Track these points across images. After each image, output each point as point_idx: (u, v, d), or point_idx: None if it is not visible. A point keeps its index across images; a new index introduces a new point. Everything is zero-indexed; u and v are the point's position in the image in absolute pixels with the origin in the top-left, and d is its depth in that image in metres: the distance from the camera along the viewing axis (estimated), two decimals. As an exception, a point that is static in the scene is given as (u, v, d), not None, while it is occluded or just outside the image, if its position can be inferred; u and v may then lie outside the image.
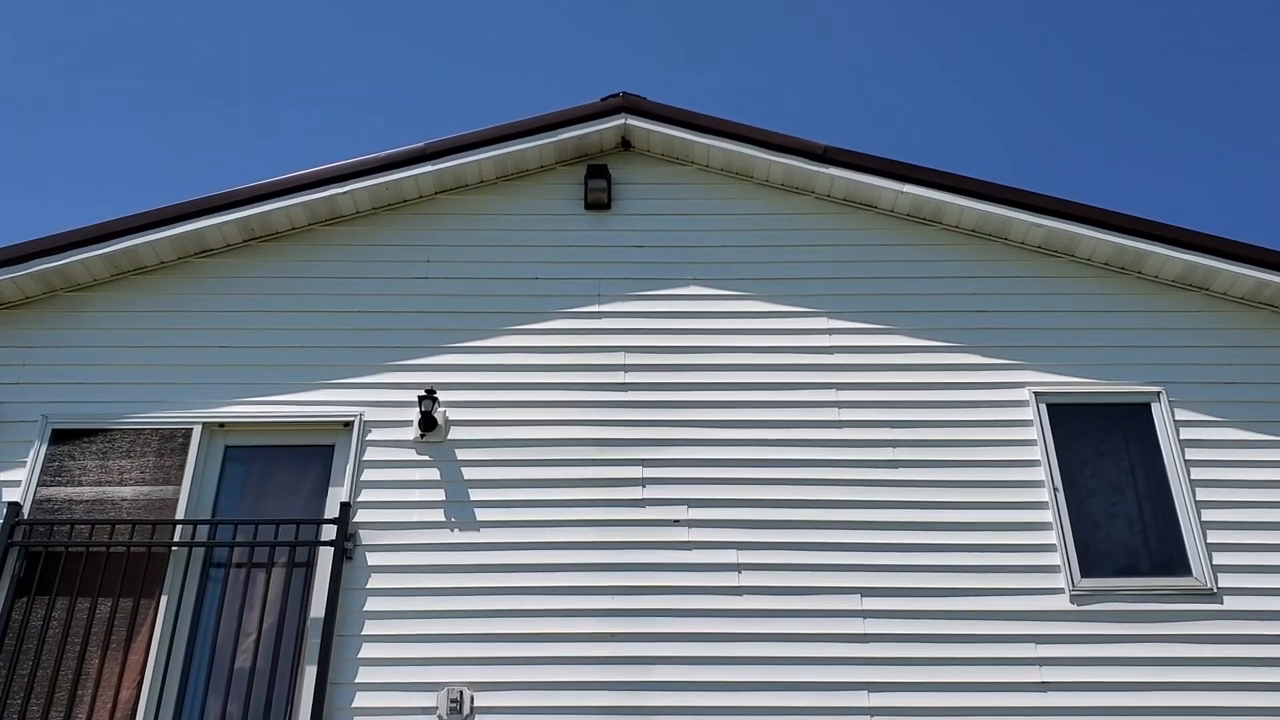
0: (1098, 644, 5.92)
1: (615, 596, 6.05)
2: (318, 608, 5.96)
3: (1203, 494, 6.36)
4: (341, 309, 7.00)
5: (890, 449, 6.52)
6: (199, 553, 6.19)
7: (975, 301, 7.05)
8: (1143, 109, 18.96)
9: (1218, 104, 18.69)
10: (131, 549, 6.08)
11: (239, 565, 6.18)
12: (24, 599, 6.00)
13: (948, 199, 7.22)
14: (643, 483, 6.41)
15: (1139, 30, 18.57)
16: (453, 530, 6.27)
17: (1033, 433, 6.57)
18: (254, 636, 5.95)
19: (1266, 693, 5.80)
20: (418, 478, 6.43)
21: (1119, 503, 6.42)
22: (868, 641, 5.94)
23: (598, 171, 7.47)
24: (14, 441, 6.49)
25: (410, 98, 19.49)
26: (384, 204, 7.40)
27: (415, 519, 6.29)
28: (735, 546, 6.21)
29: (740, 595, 6.09)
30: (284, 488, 6.51)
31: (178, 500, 6.29)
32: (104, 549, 6.08)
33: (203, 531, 6.25)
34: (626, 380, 6.77)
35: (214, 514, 6.38)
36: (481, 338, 6.92)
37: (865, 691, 5.80)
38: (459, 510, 6.33)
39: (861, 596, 6.06)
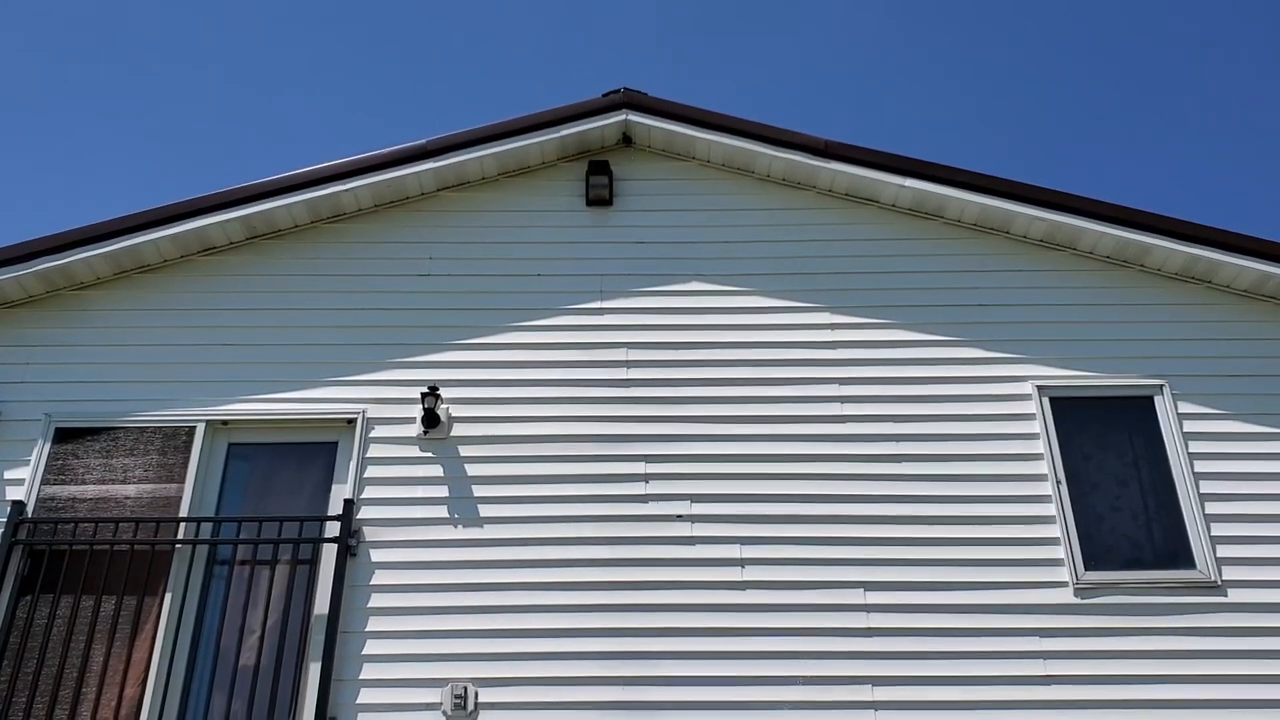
0: (1102, 637, 5.92)
1: (619, 592, 6.05)
2: (321, 605, 5.97)
3: (1206, 487, 6.35)
4: (344, 306, 7.01)
5: (893, 443, 6.52)
6: (203, 550, 6.20)
7: (978, 296, 7.05)
8: (1145, 102, 18.95)
9: (1221, 97, 18.68)
10: (135, 547, 6.09)
11: (243, 563, 6.18)
12: (28, 597, 6.01)
13: (950, 193, 7.21)
14: (646, 478, 6.41)
15: (1141, 22, 18.56)
16: (456, 527, 6.28)
17: (1036, 426, 6.57)
18: (258, 634, 5.96)
19: (1270, 685, 5.80)
20: (421, 474, 6.44)
21: (1122, 496, 6.42)
22: (871, 635, 5.94)
23: (599, 168, 7.47)
24: (18, 440, 6.50)
25: (410, 97, 19.51)
26: (386, 201, 7.41)
27: (419, 516, 6.30)
28: (739, 541, 6.21)
29: (744, 590, 6.09)
30: (287, 485, 6.51)
31: (181, 498, 6.30)
32: (108, 547, 6.09)
33: (206, 529, 6.26)
34: (629, 376, 6.77)
35: (218, 511, 6.39)
36: (484, 335, 6.92)
37: (869, 685, 5.80)
38: (462, 507, 6.33)
39: (865, 590, 6.06)
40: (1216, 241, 6.95)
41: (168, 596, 6.02)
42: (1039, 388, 6.68)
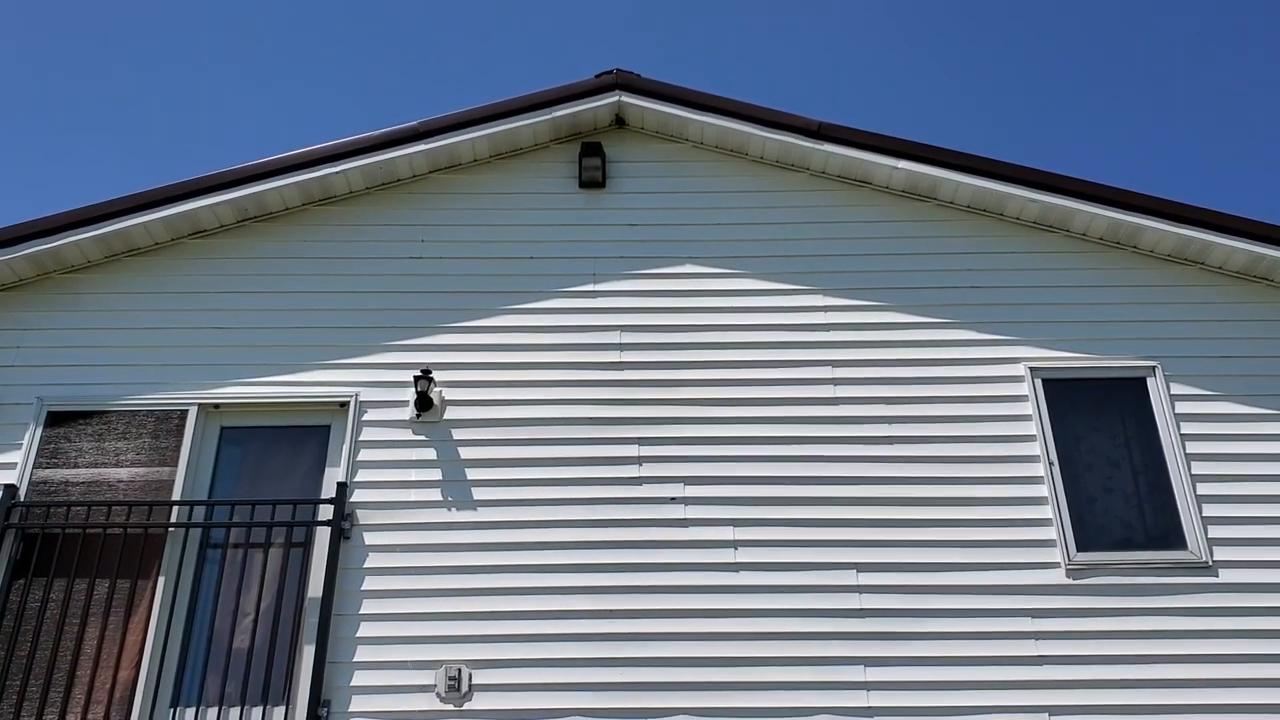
0: (1093, 617, 5.95)
1: (612, 574, 6.06)
2: (315, 587, 5.97)
3: (1198, 468, 6.37)
4: (336, 289, 6.99)
5: (886, 425, 6.52)
6: (196, 534, 6.19)
7: (970, 277, 7.05)
8: (1137, 83, 18.93)
9: (1212, 78, 18.66)
10: (128, 530, 6.09)
11: (236, 546, 6.18)
12: (21, 580, 6.01)
13: (943, 174, 7.20)
14: (639, 461, 6.42)
15: (1133, 6, 18.52)
16: (449, 510, 6.28)
17: (1028, 408, 6.57)
18: (252, 617, 5.96)
19: (1260, 664, 5.83)
20: (414, 458, 6.43)
21: (1114, 477, 6.43)
22: (864, 617, 5.95)
23: (592, 149, 7.44)
24: (9, 424, 6.49)
25: (403, 90, 19.41)
26: (377, 183, 7.38)
27: (412, 499, 6.30)
28: (731, 524, 6.22)
29: (737, 572, 6.10)
30: (280, 468, 6.51)
31: (174, 481, 6.29)
32: (101, 530, 6.09)
33: (199, 512, 6.25)
34: (622, 359, 6.77)
35: (210, 495, 6.38)
36: (476, 317, 6.91)
37: (862, 666, 5.82)
38: (455, 490, 6.33)
39: (858, 572, 6.07)
40: (1209, 223, 6.96)
41: (161, 580, 6.02)
42: (1032, 369, 6.69)
